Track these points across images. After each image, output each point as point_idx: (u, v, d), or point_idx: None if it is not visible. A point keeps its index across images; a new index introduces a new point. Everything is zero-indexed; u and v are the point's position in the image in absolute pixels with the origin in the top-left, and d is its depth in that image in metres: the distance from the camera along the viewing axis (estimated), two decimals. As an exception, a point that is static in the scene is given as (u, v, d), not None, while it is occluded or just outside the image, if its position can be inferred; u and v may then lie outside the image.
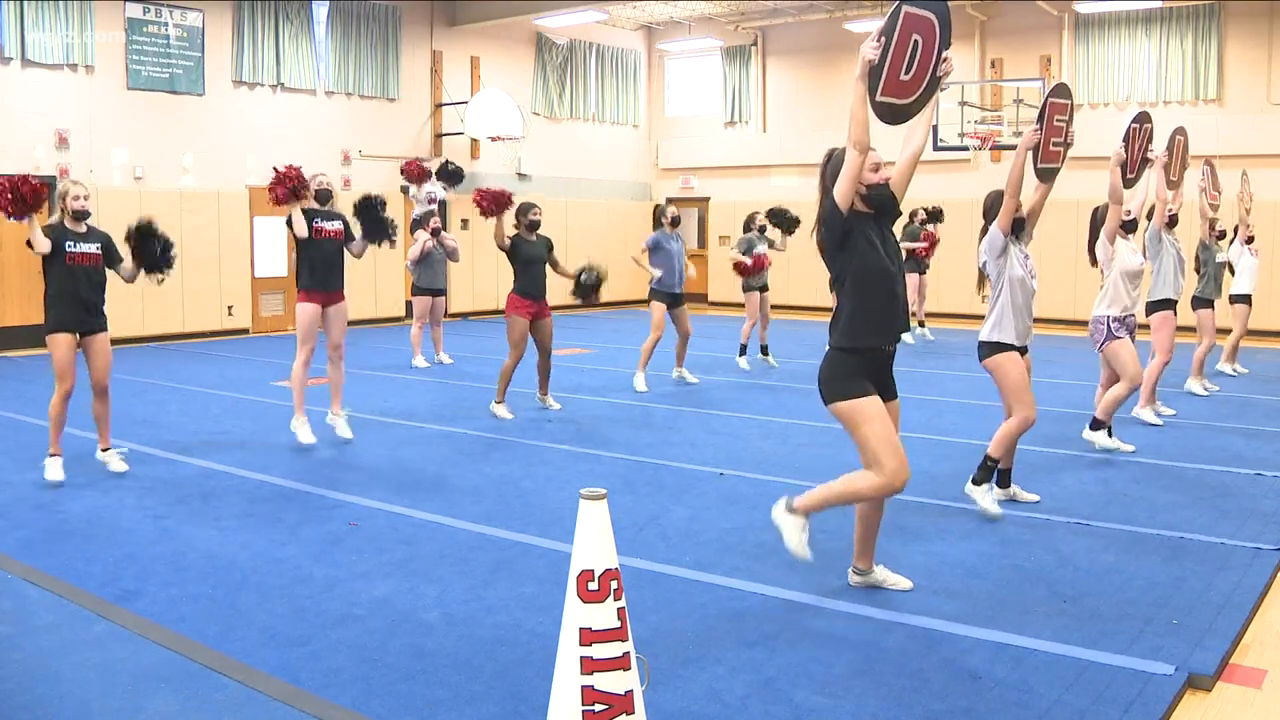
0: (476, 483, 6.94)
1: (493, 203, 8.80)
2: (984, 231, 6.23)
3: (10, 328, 13.82)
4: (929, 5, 4.37)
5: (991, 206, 6.24)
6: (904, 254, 7.87)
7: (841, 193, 4.41)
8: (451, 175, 16.01)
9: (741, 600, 4.75)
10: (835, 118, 20.06)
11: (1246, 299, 11.50)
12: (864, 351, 4.50)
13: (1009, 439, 6.16)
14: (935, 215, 15.00)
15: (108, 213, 13.61)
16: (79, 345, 6.90)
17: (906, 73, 4.39)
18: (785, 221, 12.27)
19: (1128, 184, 7.47)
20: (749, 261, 11.84)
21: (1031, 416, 6.11)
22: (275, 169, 7.90)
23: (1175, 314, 8.89)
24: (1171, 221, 8.88)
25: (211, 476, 7.07)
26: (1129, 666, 4.00)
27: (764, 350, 12.55)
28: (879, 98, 4.36)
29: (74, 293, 6.76)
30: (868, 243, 4.45)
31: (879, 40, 4.25)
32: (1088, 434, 7.73)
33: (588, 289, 9.66)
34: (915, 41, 4.36)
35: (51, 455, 6.92)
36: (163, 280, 7.22)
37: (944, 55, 4.48)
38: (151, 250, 7.06)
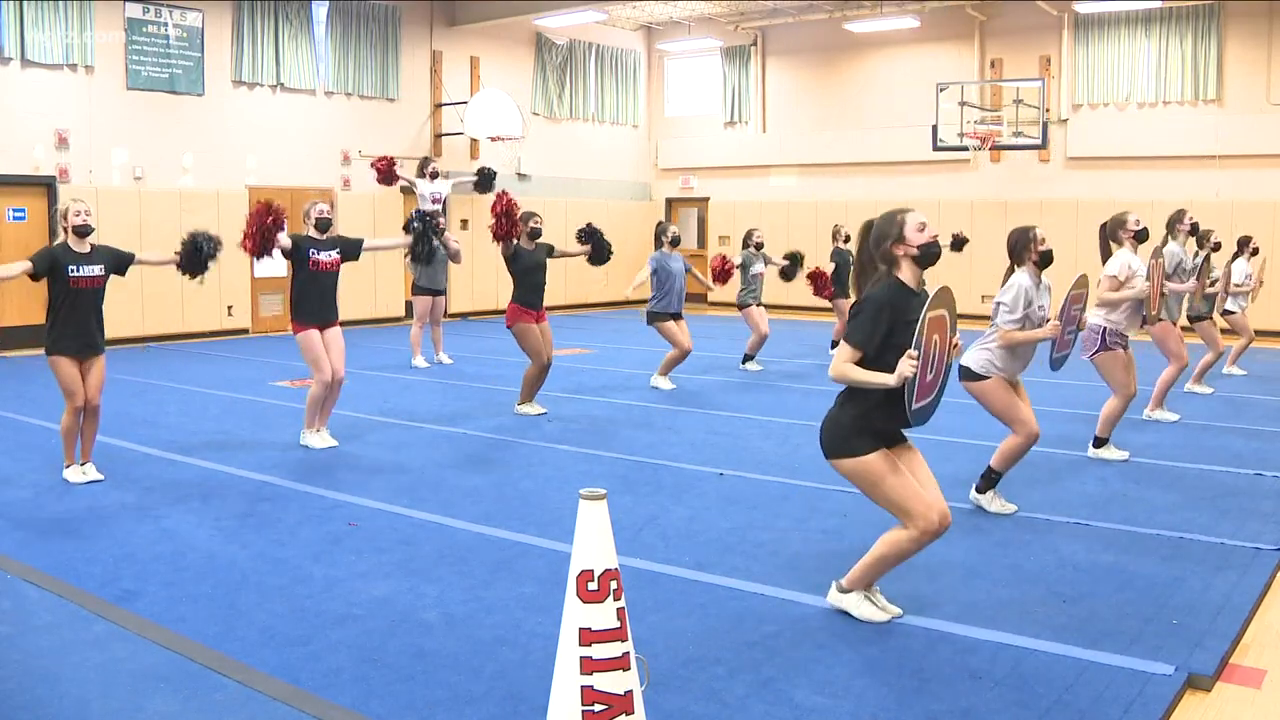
0: (476, 483, 6.94)
1: (506, 227, 8.80)
2: (1009, 272, 6.16)
3: (10, 328, 13.81)
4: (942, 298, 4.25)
5: (1015, 246, 6.13)
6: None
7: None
8: (484, 180, 15.28)
9: (741, 600, 4.75)
10: (835, 118, 20.07)
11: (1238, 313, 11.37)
12: (879, 430, 4.35)
13: (1013, 455, 6.11)
14: (958, 243, 13.31)
15: (107, 213, 13.64)
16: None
17: (930, 371, 4.29)
18: (793, 268, 12.28)
19: (1149, 320, 7.63)
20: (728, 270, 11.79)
21: (1036, 431, 6.05)
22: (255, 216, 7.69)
23: (1177, 328, 8.87)
24: (1193, 230, 8.84)
25: (211, 476, 7.07)
26: (1129, 666, 4.00)
27: (748, 358, 12.40)
28: (915, 405, 4.24)
29: (76, 319, 6.71)
30: (905, 326, 4.23)
31: (915, 355, 4.09)
32: (1093, 452, 7.54)
33: (599, 243, 9.55)
34: (935, 341, 4.25)
35: (68, 466, 6.93)
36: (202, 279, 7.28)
37: (955, 340, 4.44)
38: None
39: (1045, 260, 6.12)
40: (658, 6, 19.74)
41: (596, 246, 9.69)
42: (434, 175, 14.63)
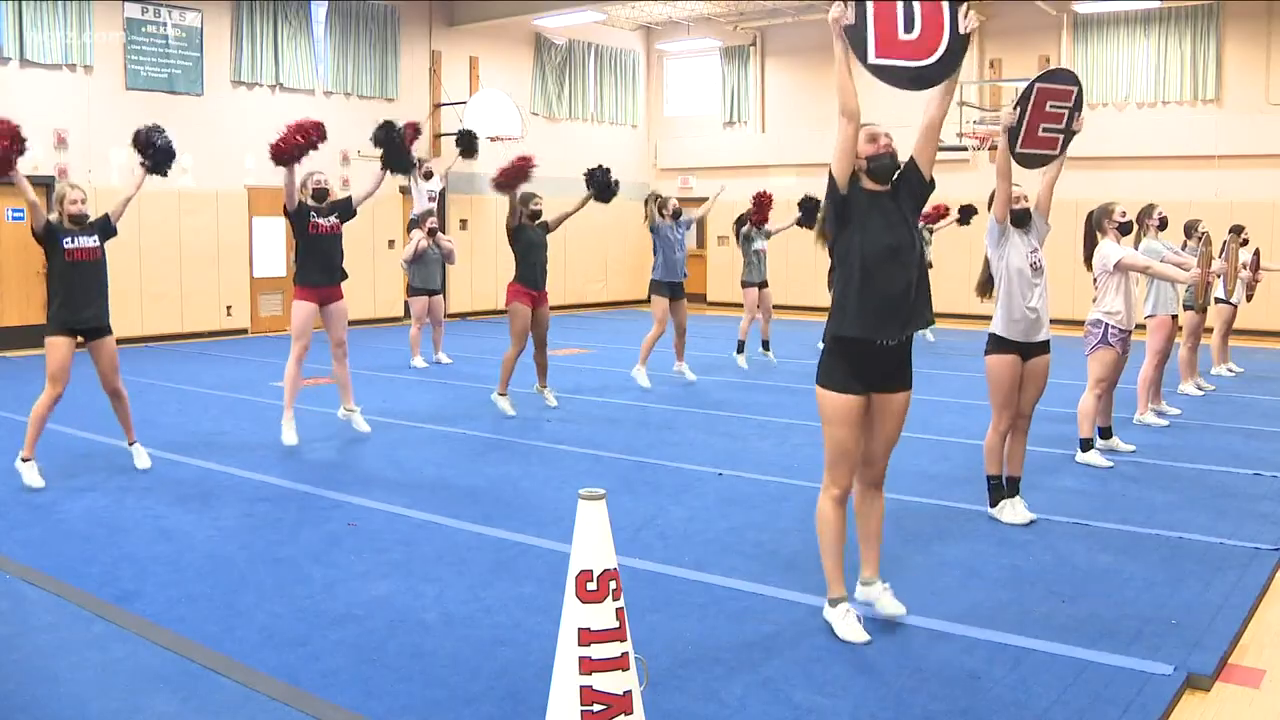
0: (475, 483, 6.94)
1: (512, 175, 8.87)
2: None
3: (8, 328, 13.80)
4: None
5: (992, 198, 6.11)
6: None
7: (836, 167, 4.16)
8: (467, 145, 15.66)
9: (740, 600, 4.75)
10: (834, 118, 19.97)
11: (1229, 302, 11.36)
12: (856, 343, 4.20)
13: (990, 452, 6.05)
14: (966, 215, 14.30)
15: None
16: (85, 348, 6.81)
17: (908, 31, 4.05)
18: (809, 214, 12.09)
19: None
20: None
21: (1002, 426, 6.00)
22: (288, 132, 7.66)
23: (1176, 322, 8.88)
24: (1161, 224, 8.80)
25: (210, 477, 7.07)
26: (1128, 666, 4.00)
27: (765, 345, 12.56)
28: (874, 60, 4.05)
29: (77, 295, 6.66)
30: (870, 219, 4.16)
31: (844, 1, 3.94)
32: (1080, 458, 7.42)
33: (603, 185, 9.54)
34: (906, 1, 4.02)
35: (24, 460, 6.75)
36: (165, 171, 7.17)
37: (964, 10, 4.09)
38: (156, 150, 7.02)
39: (1021, 216, 6.09)
40: (657, 6, 19.73)
41: (600, 186, 9.66)
42: (428, 175, 14.69)
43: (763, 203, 11.93)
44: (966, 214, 14.29)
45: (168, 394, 10.45)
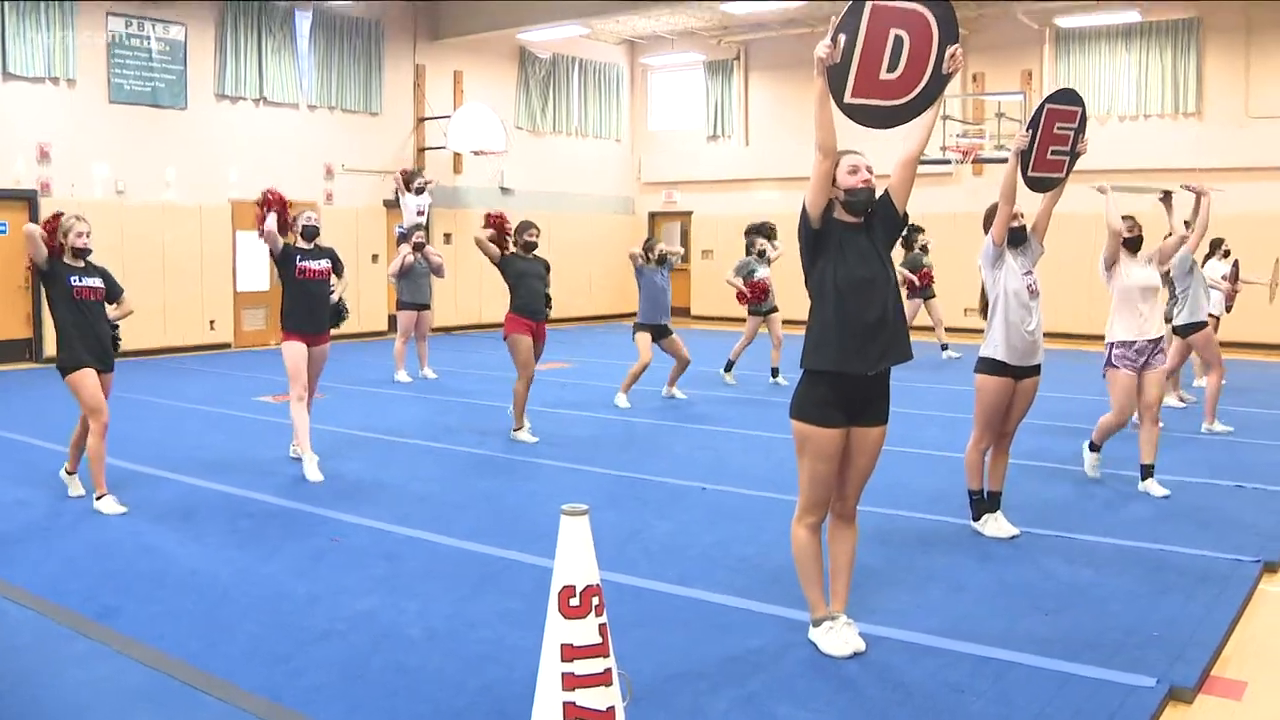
0: (460, 498, 6.93)
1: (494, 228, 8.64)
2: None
3: (-10, 342, 13.73)
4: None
5: (988, 216, 6.06)
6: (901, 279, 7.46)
7: (810, 200, 4.15)
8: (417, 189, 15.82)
9: (725, 615, 4.75)
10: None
11: (1214, 319, 11.39)
12: (832, 375, 4.16)
13: (971, 467, 6.05)
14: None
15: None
16: None
17: (890, 71, 4.08)
18: (768, 232, 12.26)
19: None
20: (747, 292, 11.82)
21: (983, 444, 6.00)
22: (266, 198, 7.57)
23: (1216, 323, 8.87)
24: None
25: (193, 492, 7.04)
26: (1110, 679, 4.02)
27: (774, 372, 12.30)
28: (849, 100, 4.09)
29: (89, 327, 6.56)
30: (843, 252, 4.14)
31: (833, 38, 3.99)
32: (1087, 454, 7.43)
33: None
34: (897, 38, 4.05)
35: (97, 497, 6.54)
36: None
37: (951, 50, 4.13)
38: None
39: (1018, 236, 6.05)
40: (641, 21, 19.81)
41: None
42: (419, 190, 14.67)
43: (759, 290, 11.89)
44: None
45: (150, 409, 10.40)
